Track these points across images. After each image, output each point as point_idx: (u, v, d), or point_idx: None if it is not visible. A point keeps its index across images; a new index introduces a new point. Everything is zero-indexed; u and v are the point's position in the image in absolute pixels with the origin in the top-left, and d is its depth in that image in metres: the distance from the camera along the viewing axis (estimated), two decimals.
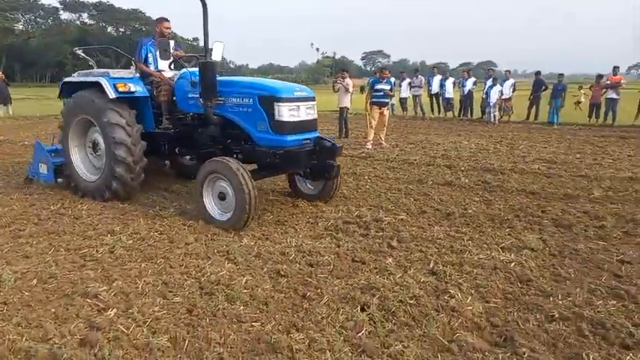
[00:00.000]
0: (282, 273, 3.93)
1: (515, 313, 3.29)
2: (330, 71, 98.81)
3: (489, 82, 16.56)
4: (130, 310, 3.26)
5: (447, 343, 2.93)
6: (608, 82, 15.73)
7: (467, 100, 18.25)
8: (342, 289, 3.65)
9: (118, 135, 5.71)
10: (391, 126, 14.74)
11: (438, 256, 4.34)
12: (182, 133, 6.12)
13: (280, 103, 5.15)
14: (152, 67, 6.39)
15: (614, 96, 15.44)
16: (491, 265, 4.09)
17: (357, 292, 3.56)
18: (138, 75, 6.34)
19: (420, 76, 18.73)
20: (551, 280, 3.84)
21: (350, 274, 3.94)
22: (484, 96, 16.89)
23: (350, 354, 2.81)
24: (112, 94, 5.80)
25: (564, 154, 9.98)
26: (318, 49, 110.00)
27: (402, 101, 19.08)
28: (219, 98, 5.44)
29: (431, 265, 4.12)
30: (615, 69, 16.25)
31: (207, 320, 3.19)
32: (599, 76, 16.37)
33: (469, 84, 17.91)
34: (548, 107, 16.17)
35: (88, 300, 3.41)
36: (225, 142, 5.76)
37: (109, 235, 4.80)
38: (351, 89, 12.70)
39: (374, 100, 10.87)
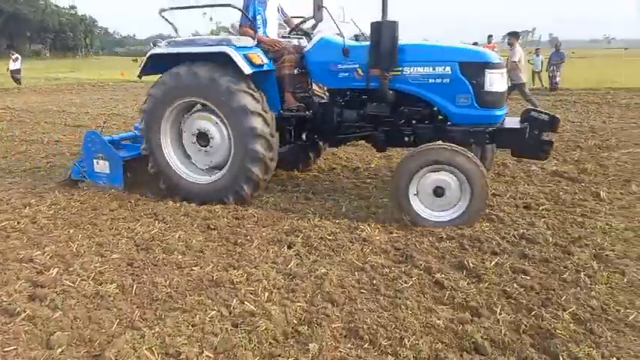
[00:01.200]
0: (212, 226, 4.30)
1: (413, 239, 4.00)
2: None
3: None
4: (71, 269, 3.44)
5: (361, 264, 3.55)
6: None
7: None
8: (269, 234, 4.13)
9: (256, 125, 4.55)
10: None
11: (349, 202, 4.98)
12: (319, 114, 4.99)
13: (492, 70, 4.32)
14: (261, 33, 5.12)
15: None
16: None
17: (283, 235, 4.07)
18: (255, 43, 4.92)
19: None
20: None
21: (275, 222, 4.41)
22: None
23: (283, 280, 3.31)
24: (247, 69, 4.54)
25: None
26: (211, 19, 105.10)
27: None
28: (397, 68, 4.48)
29: (343, 209, 4.76)
30: (489, 37, 18.18)
31: (150, 269, 3.49)
32: (475, 44, 18.20)
33: None
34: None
35: (25, 264, 3.52)
36: (391, 122, 4.78)
37: (26, 208, 4.75)
38: None
39: None
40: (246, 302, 2.97)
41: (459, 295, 3.06)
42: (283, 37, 5.48)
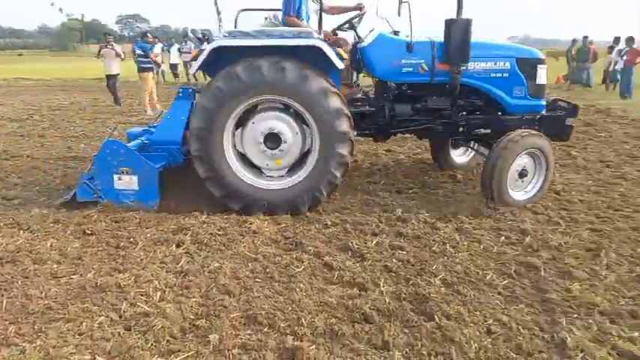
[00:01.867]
0: (89, 232, 4.01)
1: (300, 227, 4.19)
2: (80, 36, 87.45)
3: None
4: None
5: (253, 255, 3.62)
6: None
7: None
8: (154, 234, 3.98)
9: (346, 129, 4.30)
10: (166, 93, 14.60)
11: None
12: (378, 108, 4.96)
13: (542, 65, 4.87)
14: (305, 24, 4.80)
15: None
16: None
17: (170, 235, 3.96)
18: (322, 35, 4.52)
19: (189, 42, 18.65)
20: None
21: (159, 223, 4.25)
22: None
23: (175, 279, 3.24)
24: (340, 65, 4.29)
25: None
26: (61, 10, 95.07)
27: (173, 67, 18.80)
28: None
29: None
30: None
31: (20, 282, 3.16)
32: None
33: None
34: None
35: None
36: (449, 114, 4.94)
37: None
38: (122, 55, 12.05)
39: (144, 65, 10.74)
40: (138, 304, 2.87)
41: (346, 274, 3.30)
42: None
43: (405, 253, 3.64)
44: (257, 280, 3.25)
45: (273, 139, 4.43)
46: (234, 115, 4.36)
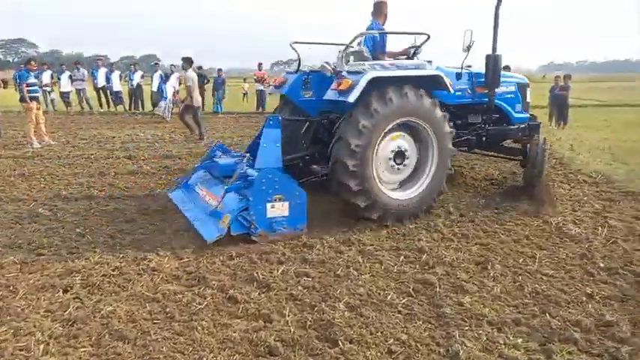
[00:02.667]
0: None
1: (204, 261, 4.05)
2: None
3: (158, 78, 16.97)
4: None
5: (152, 295, 3.42)
6: (255, 76, 18.81)
7: (136, 93, 18.29)
8: (37, 280, 3.62)
9: (451, 144, 5.37)
10: (55, 123, 13.61)
11: (127, 233, 4.72)
12: None
13: (529, 88, 6.72)
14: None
15: (262, 88, 18.61)
16: (180, 228, 4.78)
17: (57, 279, 3.62)
18: None
19: (81, 68, 17.62)
20: None
21: (44, 267, 3.88)
22: (155, 90, 17.21)
23: (62, 328, 2.96)
24: (451, 90, 5.47)
25: (229, 137, 11.60)
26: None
27: (65, 96, 17.54)
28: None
29: (126, 241, 4.49)
30: (260, 65, 19.57)
31: None
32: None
33: (137, 77, 17.99)
34: (212, 99, 18.04)
35: None
36: (479, 127, 6.21)
37: None
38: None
39: (30, 94, 9.91)
40: None
41: (251, 306, 3.24)
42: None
43: (310, 279, 3.67)
44: (155, 321, 3.07)
45: (400, 156, 5.18)
46: (382, 134, 4.96)
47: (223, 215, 4.44)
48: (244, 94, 21.00)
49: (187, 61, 11.07)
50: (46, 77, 16.83)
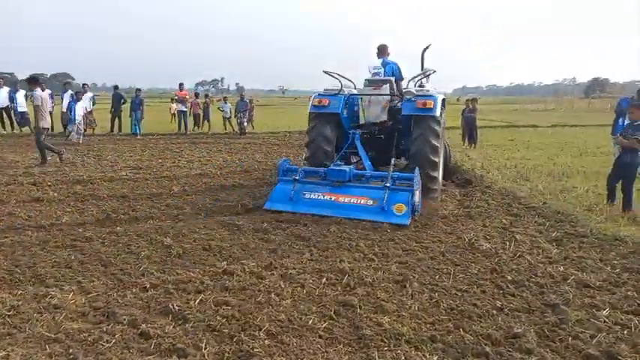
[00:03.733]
0: None
1: (114, 294, 3.78)
2: None
3: (68, 97, 16.01)
4: None
5: (53, 335, 3.12)
6: (176, 97, 18.32)
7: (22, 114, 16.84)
8: None
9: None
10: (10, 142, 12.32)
11: (27, 267, 4.32)
12: None
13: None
14: None
15: (184, 108, 18.14)
16: (94, 258, 4.45)
17: None
18: None
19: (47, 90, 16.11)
20: (136, 259, 4.53)
21: None
22: (64, 110, 16.18)
23: None
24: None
25: (148, 160, 11.12)
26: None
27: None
28: None
29: (26, 276, 4.09)
30: (181, 85, 19.10)
31: None
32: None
33: (19, 97, 16.51)
34: (130, 119, 17.27)
35: None
36: None
37: None
38: None
39: None
40: None
41: (165, 341, 3.06)
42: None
43: (229, 308, 3.54)
44: None
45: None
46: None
47: (395, 205, 5.99)
48: (173, 114, 20.30)
49: (32, 82, 10.40)
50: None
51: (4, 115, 16.70)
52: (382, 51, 8.14)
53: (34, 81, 10.39)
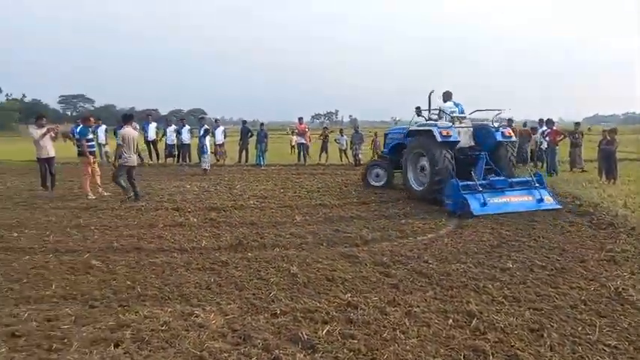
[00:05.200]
0: (18, 333, 3.70)
1: (249, 318, 4.07)
2: (19, 116, 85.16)
3: (202, 131, 17.79)
4: None
5: (198, 353, 3.44)
6: (296, 130, 19.34)
7: (185, 146, 19.06)
8: (90, 334, 3.72)
9: None
10: (109, 175, 14.26)
11: (175, 287, 4.81)
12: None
13: None
14: None
15: (303, 141, 19.08)
16: (230, 282, 4.84)
17: (108, 333, 3.72)
18: None
19: (134, 122, 18.64)
20: (266, 285, 4.81)
21: (96, 319, 4.00)
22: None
23: None
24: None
25: (272, 189, 11.83)
26: (0, 90, 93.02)
27: None
28: None
29: (174, 294, 4.58)
30: (300, 119, 20.16)
31: None
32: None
33: (185, 132, 18.77)
34: (255, 151, 18.58)
35: None
36: None
37: None
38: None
39: (88, 149, 10.54)
40: None
41: None
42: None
43: (356, 341, 3.59)
44: None
45: None
46: None
47: (545, 197, 8.86)
48: (293, 146, 21.45)
49: (125, 118, 10.60)
50: (101, 132, 17.96)
51: (152, 147, 19.06)
52: (449, 95, 10.96)
53: (126, 118, 10.61)
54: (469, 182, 8.75)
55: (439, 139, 9.48)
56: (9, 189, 11.87)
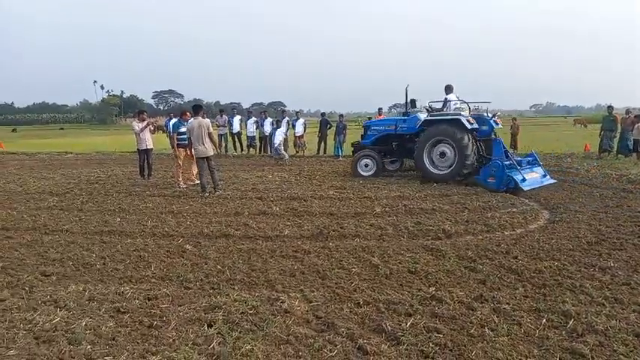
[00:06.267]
0: (123, 310, 4.05)
1: (332, 306, 4.13)
2: (118, 111, 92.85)
3: (268, 124, 18.50)
4: None
5: (285, 337, 3.56)
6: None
7: (266, 138, 19.68)
8: (186, 313, 3.98)
9: None
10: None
11: (261, 272, 5.00)
12: None
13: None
14: None
15: None
16: (313, 270, 4.94)
17: (202, 313, 3.96)
18: None
19: (224, 115, 19.58)
20: (348, 275, 4.84)
21: (191, 300, 4.27)
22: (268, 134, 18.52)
23: None
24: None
25: (350, 180, 11.87)
26: (102, 87, 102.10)
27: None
28: None
29: (260, 280, 4.76)
30: (380, 110, 19.94)
31: None
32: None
33: (267, 124, 19.36)
34: (334, 142, 18.72)
35: None
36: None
37: None
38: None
39: (179, 142, 11.17)
40: None
41: None
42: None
43: (441, 336, 3.52)
44: None
45: None
46: None
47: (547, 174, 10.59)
48: None
49: (195, 109, 10.28)
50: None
51: (236, 139, 19.91)
52: (451, 88, 11.80)
53: (196, 109, 10.29)
54: (506, 162, 10.06)
55: (468, 126, 10.68)
56: (110, 177, 12.97)
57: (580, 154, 17.33)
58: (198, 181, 10.59)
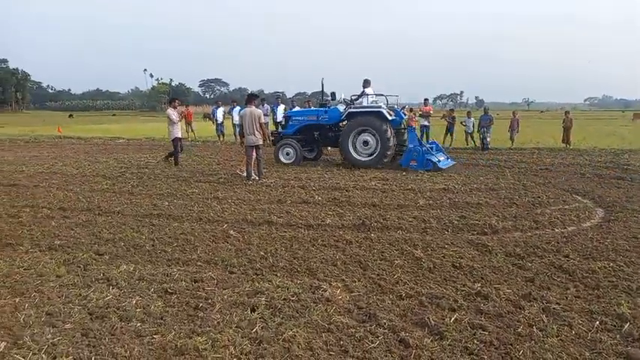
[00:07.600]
0: (170, 291, 4.18)
1: (374, 297, 4.10)
2: (167, 98, 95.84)
3: (281, 111, 18.55)
4: (21, 342, 3.22)
5: (327, 325, 3.57)
6: (421, 112, 18.81)
7: None
8: (230, 297, 4.07)
9: None
10: (242, 152, 15.34)
11: (303, 260, 5.03)
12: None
13: None
14: None
15: (426, 123, 18.51)
16: (354, 260, 4.94)
17: (245, 298, 4.03)
18: None
19: (266, 104, 19.77)
20: (390, 266, 4.79)
21: (235, 284, 4.36)
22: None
23: (250, 345, 3.26)
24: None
25: (393, 172, 11.73)
26: (152, 75, 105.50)
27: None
28: None
29: (302, 268, 4.79)
30: (426, 101, 19.53)
31: (107, 339, 3.32)
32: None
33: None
34: None
35: None
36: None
37: None
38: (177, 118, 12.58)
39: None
40: None
41: (424, 354, 3.15)
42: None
43: (487, 333, 3.42)
44: (331, 353, 3.19)
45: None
46: None
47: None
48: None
49: (250, 97, 10.46)
50: (235, 113, 19.36)
51: (280, 129, 20.03)
52: (368, 83, 12.96)
53: (250, 97, 10.46)
54: (422, 147, 12.28)
55: (389, 117, 12.07)
56: (159, 163, 13.40)
57: (639, 151, 16.38)
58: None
